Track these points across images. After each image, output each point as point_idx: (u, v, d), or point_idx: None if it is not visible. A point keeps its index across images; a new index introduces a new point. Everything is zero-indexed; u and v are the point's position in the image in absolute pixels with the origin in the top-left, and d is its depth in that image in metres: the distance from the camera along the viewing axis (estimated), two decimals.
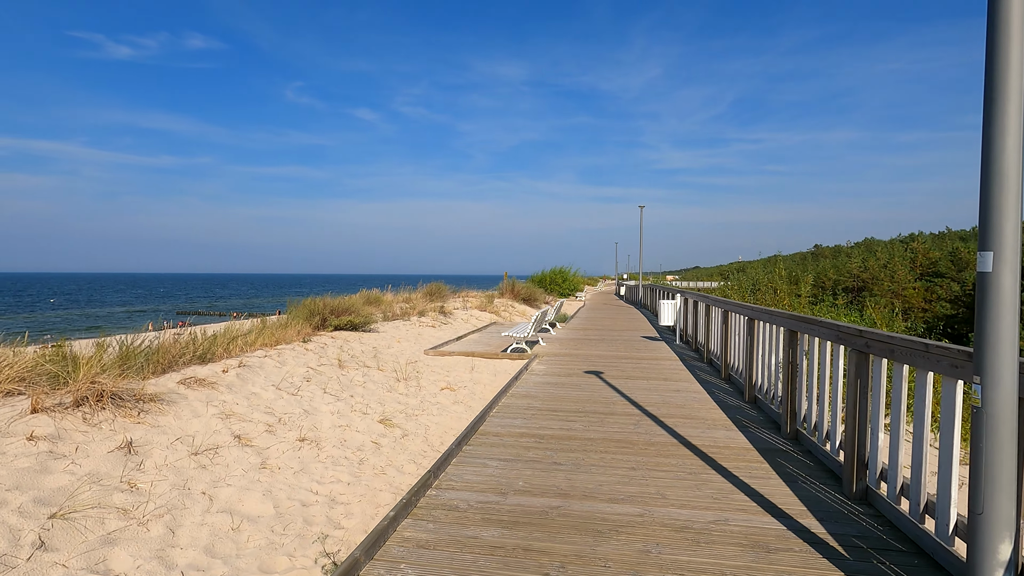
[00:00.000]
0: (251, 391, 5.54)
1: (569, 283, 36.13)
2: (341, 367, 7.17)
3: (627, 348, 10.26)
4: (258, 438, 4.56)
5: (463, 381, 7.42)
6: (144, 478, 3.64)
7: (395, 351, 9.14)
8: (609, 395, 6.23)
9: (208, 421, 4.62)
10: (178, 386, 5.15)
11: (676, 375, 7.51)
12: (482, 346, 10.25)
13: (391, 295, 18.66)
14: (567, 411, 5.47)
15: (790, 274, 23.79)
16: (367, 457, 4.63)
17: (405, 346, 9.81)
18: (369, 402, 6.00)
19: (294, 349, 7.54)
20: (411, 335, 11.35)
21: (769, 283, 16.81)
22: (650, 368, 8.05)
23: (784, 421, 4.60)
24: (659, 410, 5.53)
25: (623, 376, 7.38)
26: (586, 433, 4.72)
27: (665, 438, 4.59)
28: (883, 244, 64.59)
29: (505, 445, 4.39)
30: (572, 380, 7.09)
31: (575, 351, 9.83)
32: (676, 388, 6.64)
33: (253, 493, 3.72)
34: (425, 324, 13.25)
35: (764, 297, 15.85)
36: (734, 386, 6.73)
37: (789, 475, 3.72)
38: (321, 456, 4.51)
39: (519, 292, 24.42)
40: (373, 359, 8.00)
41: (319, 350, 7.83)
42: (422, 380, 7.23)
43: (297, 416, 5.17)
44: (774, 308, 7.73)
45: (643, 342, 11.18)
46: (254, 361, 6.55)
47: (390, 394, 6.42)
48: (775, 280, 19.44)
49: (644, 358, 9.03)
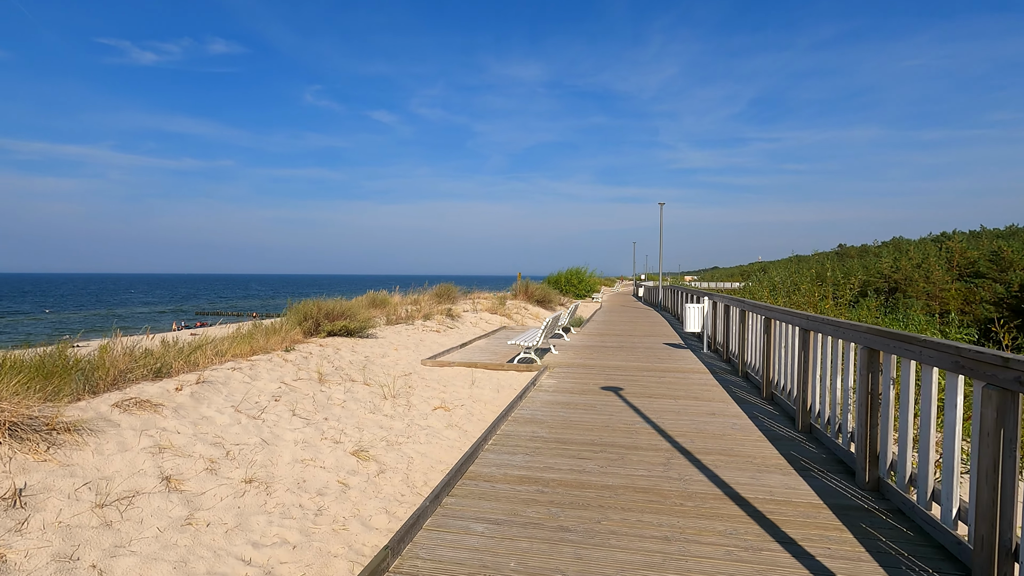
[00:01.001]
0: (203, 414, 4.66)
1: (585, 284, 35.00)
2: (321, 382, 6.27)
3: (649, 358, 9.22)
4: (194, 479, 3.67)
5: (461, 398, 6.47)
6: (21, 544, 2.76)
7: (390, 360, 8.24)
8: (630, 420, 5.22)
9: (135, 457, 3.74)
10: (111, 410, 4.29)
11: (708, 393, 6.46)
12: (487, 355, 9.30)
13: (399, 296, 17.86)
14: (579, 443, 4.48)
15: (816, 274, 22.39)
16: (328, 505, 3.71)
17: (402, 355, 8.91)
18: (345, 427, 5.08)
19: (271, 360, 6.68)
20: (412, 341, 10.45)
21: (805, 283, 15.55)
22: (677, 384, 7.00)
23: (862, 466, 3.55)
24: (693, 442, 4.51)
25: (646, 394, 6.36)
26: (603, 477, 3.72)
27: (705, 486, 3.57)
28: (912, 243, 62.06)
29: (498, 496, 3.42)
30: (586, 399, 6.09)
31: (590, 361, 8.81)
32: (710, 410, 5.60)
33: (160, 566, 2.81)
34: (429, 329, 12.35)
35: (798, 299, 14.60)
36: (780, 409, 5.66)
37: (885, 554, 2.69)
38: (269, 504, 3.59)
39: (533, 294, 23.43)
40: (361, 371, 7.09)
41: (301, 361, 6.95)
42: (414, 397, 6.30)
43: (251, 447, 4.27)
44: (834, 317, 6.62)
45: (666, 350, 10.12)
46: (219, 376, 5.69)
47: (373, 416, 5.49)
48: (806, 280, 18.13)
49: (669, 370, 7.99)
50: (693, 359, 9.06)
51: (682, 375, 7.59)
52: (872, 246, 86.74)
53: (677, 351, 9.98)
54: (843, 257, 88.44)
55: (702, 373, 7.76)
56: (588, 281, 35.75)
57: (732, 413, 5.50)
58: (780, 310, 5.67)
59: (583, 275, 35.36)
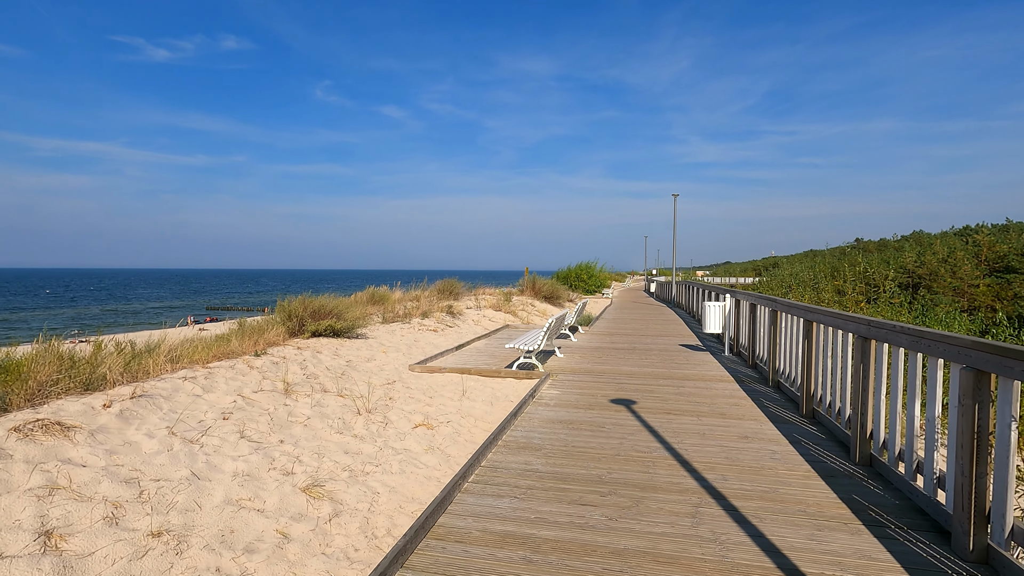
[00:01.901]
0: (127, 439, 3.85)
1: (595, 279, 33.99)
2: (287, 393, 5.45)
3: (664, 362, 8.29)
4: (83, 534, 2.84)
5: (448, 413, 5.61)
6: None
7: (375, 365, 7.40)
8: (646, 446, 4.32)
9: (13, 503, 2.92)
10: (7, 436, 3.49)
11: (736, 408, 5.53)
12: (485, 358, 8.43)
13: (400, 292, 17.08)
14: (583, 480, 3.59)
15: (833, 269, 21.22)
16: (255, 569, 2.86)
17: (390, 358, 8.07)
18: (303, 452, 4.24)
19: (234, 367, 5.86)
20: (404, 342, 9.62)
21: (826, 279, 14.49)
22: (698, 396, 6.08)
23: (962, 523, 2.63)
24: (726, 480, 3.60)
25: (664, 409, 5.45)
26: (613, 536, 2.83)
27: (749, 553, 2.67)
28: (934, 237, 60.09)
29: (471, 569, 2.54)
30: (593, 416, 5.20)
31: (599, 366, 7.91)
32: (741, 432, 4.68)
33: None
34: (426, 328, 11.52)
35: (827, 298, 13.56)
36: (826, 431, 4.73)
37: None
38: (175, 570, 2.76)
39: (540, 289, 22.52)
40: (338, 379, 6.26)
41: (269, 368, 6.14)
42: (393, 411, 5.45)
43: (175, 484, 3.44)
44: (897, 321, 5.64)
45: (683, 354, 9.18)
46: (164, 387, 4.88)
47: (339, 437, 4.65)
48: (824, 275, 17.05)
49: (688, 378, 7.06)
50: (714, 364, 8.12)
51: (703, 384, 6.66)
52: (892, 240, 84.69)
53: (695, 354, 9.04)
54: (860, 251, 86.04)
55: (726, 382, 6.83)
56: (598, 276, 34.73)
57: (768, 436, 4.58)
58: (826, 312, 4.73)
59: (593, 270, 34.34)
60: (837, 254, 73.95)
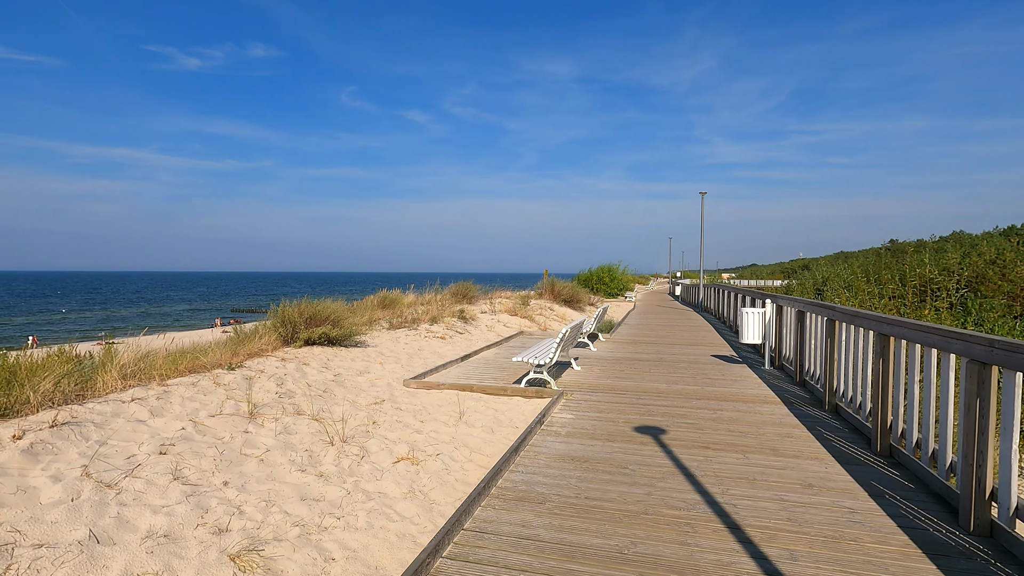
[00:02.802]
0: (25, 484, 3.07)
1: (617, 282, 32.80)
2: (252, 417, 4.64)
3: (696, 377, 7.28)
4: None
5: (439, 441, 4.72)
6: None
7: (366, 380, 6.57)
8: (681, 499, 3.37)
9: None
10: None
11: (791, 442, 4.52)
12: (492, 371, 7.54)
13: (412, 296, 16.36)
14: (598, 559, 2.66)
15: (866, 271, 19.77)
16: None
17: (387, 370, 7.24)
18: (248, 499, 3.41)
19: (197, 384, 5.09)
20: (406, 352, 8.80)
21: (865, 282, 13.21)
22: (741, 422, 5.08)
23: None
24: (797, 563, 2.63)
25: (700, 442, 4.47)
26: None
27: None
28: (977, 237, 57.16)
29: None
30: (613, 451, 4.26)
31: (621, 381, 6.95)
32: (803, 478, 3.69)
33: None
34: (433, 335, 10.69)
35: (872, 303, 12.31)
36: (913, 478, 3.71)
37: None
38: None
39: (560, 293, 21.55)
40: (317, 398, 5.44)
41: (240, 384, 5.35)
42: (374, 440, 4.59)
43: (61, 553, 2.63)
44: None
45: (717, 367, 8.14)
46: (104, 411, 4.12)
47: (300, 476, 3.81)
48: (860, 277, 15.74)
49: (726, 398, 6.05)
50: (754, 381, 7.07)
51: (745, 407, 5.64)
52: (930, 241, 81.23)
53: (731, 368, 7.99)
54: (896, 253, 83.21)
55: (771, 404, 5.79)
56: (621, 279, 33.52)
57: (839, 484, 3.58)
58: (911, 325, 3.70)
59: (615, 272, 33.14)
60: (871, 256, 71.15)
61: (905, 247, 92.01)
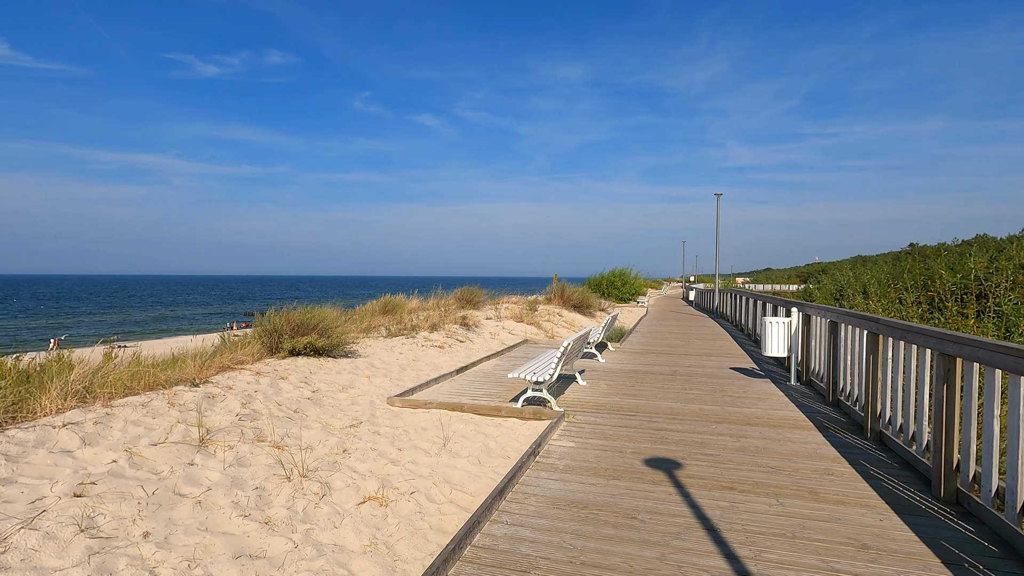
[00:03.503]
0: None
1: (629, 287, 31.96)
2: (202, 445, 4.03)
3: (715, 394, 6.55)
4: None
5: (417, 475, 4.07)
6: None
7: (347, 396, 5.95)
8: (702, 563, 2.68)
9: None
10: None
11: (832, 482, 3.80)
12: (489, 386, 6.87)
13: (416, 301, 15.79)
14: None
15: (895, 276, 18.85)
16: None
17: (374, 385, 6.62)
18: (169, 558, 2.78)
19: (148, 404, 4.50)
20: (399, 363, 8.18)
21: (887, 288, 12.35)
22: (770, 454, 4.37)
23: None
24: None
25: (723, 481, 3.77)
26: None
27: None
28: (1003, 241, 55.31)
29: None
30: (619, 493, 3.58)
31: (630, 399, 6.25)
32: (855, 535, 2.97)
33: None
34: (432, 344, 10.07)
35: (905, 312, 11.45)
36: (991, 535, 2.98)
37: None
38: None
39: (569, 298, 20.83)
40: (285, 420, 4.82)
41: (199, 403, 4.76)
42: (340, 474, 3.94)
43: None
44: None
45: (737, 382, 7.40)
46: (27, 438, 3.56)
47: (243, 522, 3.18)
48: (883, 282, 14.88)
49: (750, 421, 5.33)
50: (780, 399, 6.32)
51: (773, 433, 4.91)
52: (952, 245, 79.05)
53: (753, 383, 7.24)
54: (916, 257, 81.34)
55: (803, 429, 5.06)
56: (633, 284, 32.68)
57: (902, 547, 2.86)
58: (990, 345, 2.98)
59: (627, 277, 32.31)
60: (891, 259, 69.41)
61: (926, 251, 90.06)
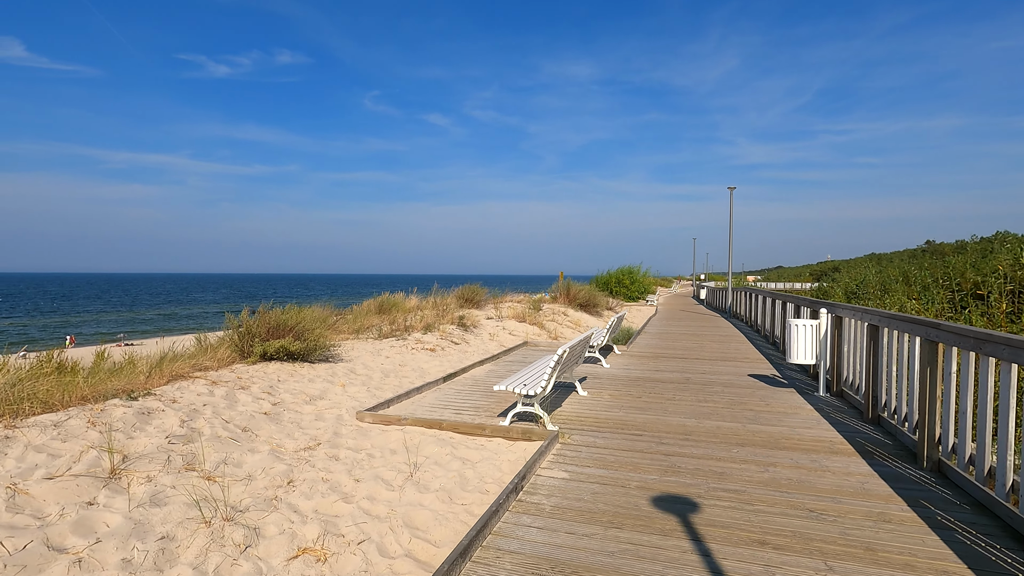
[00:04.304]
0: None
1: (638, 285, 31.06)
2: (113, 476, 3.32)
3: (734, 408, 5.75)
4: None
5: (373, 515, 3.32)
6: None
7: (314, 410, 5.22)
8: None
9: None
10: None
11: (890, 532, 3.01)
12: (477, 396, 6.11)
13: (416, 299, 15.10)
14: None
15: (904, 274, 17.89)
16: None
17: (349, 394, 5.88)
18: None
19: (63, 424, 3.80)
20: (382, 369, 7.45)
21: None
22: (806, 487, 3.57)
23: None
24: None
25: (751, 532, 2.98)
26: None
27: None
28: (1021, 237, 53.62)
29: None
30: (619, 549, 2.80)
31: (637, 414, 5.46)
32: None
33: None
34: (423, 346, 9.34)
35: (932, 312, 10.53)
36: None
37: None
38: None
39: (575, 297, 20.03)
40: (227, 443, 4.09)
41: (131, 422, 4.05)
42: (276, 515, 3.21)
43: None
44: None
45: (758, 392, 6.58)
46: None
47: None
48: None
49: (778, 443, 4.52)
50: (810, 414, 5.50)
51: (807, 460, 4.11)
52: (971, 242, 77.07)
53: (776, 394, 6.42)
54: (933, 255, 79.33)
55: (843, 455, 4.24)
56: (642, 282, 31.76)
57: None
58: None
59: (636, 275, 31.40)
60: (906, 257, 67.75)
61: (943, 248, 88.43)
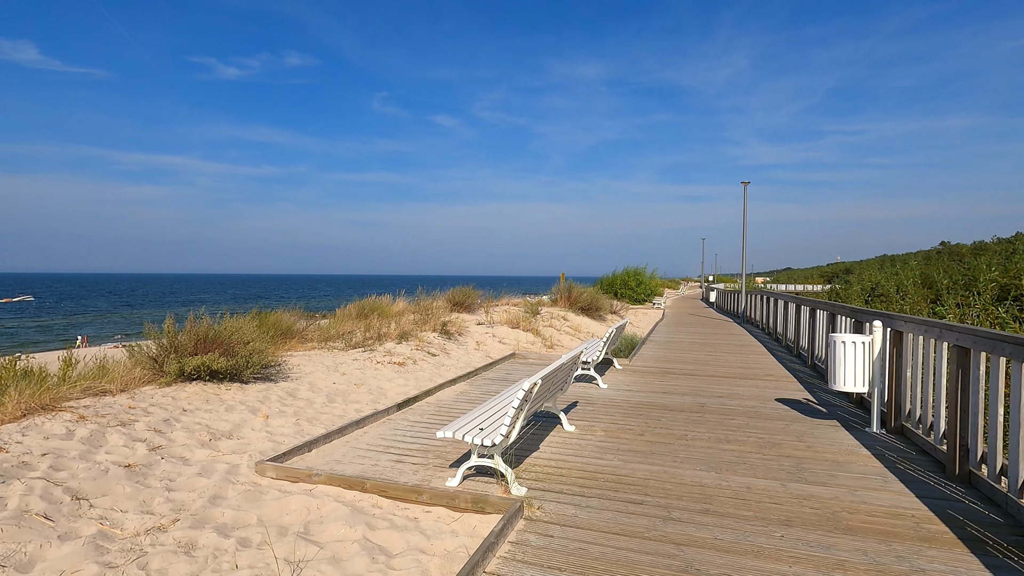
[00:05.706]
0: None
1: (644, 287, 29.60)
2: None
3: (765, 452, 4.38)
4: None
5: None
6: None
7: (208, 456, 3.92)
8: None
9: None
10: None
11: None
12: (432, 432, 4.78)
13: (403, 303, 13.86)
14: None
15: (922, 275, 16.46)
16: None
17: (269, 429, 4.58)
18: None
19: None
20: (334, 389, 6.14)
21: None
22: None
23: None
24: None
25: None
26: None
27: None
28: None
29: None
30: None
31: (637, 465, 4.11)
32: None
33: None
34: (392, 359, 8.04)
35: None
36: None
37: None
38: None
39: (577, 299, 18.64)
40: (29, 526, 2.79)
41: None
42: None
43: None
44: None
45: (792, 426, 5.21)
46: None
47: None
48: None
49: (839, 520, 3.16)
50: (873, 468, 4.11)
51: (891, 558, 2.74)
52: (991, 243, 74.86)
53: (817, 429, 5.03)
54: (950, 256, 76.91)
55: (942, 546, 2.87)
56: (648, 284, 30.30)
57: None
58: None
59: (642, 276, 29.93)
60: (920, 259, 65.65)
61: (960, 249, 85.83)
